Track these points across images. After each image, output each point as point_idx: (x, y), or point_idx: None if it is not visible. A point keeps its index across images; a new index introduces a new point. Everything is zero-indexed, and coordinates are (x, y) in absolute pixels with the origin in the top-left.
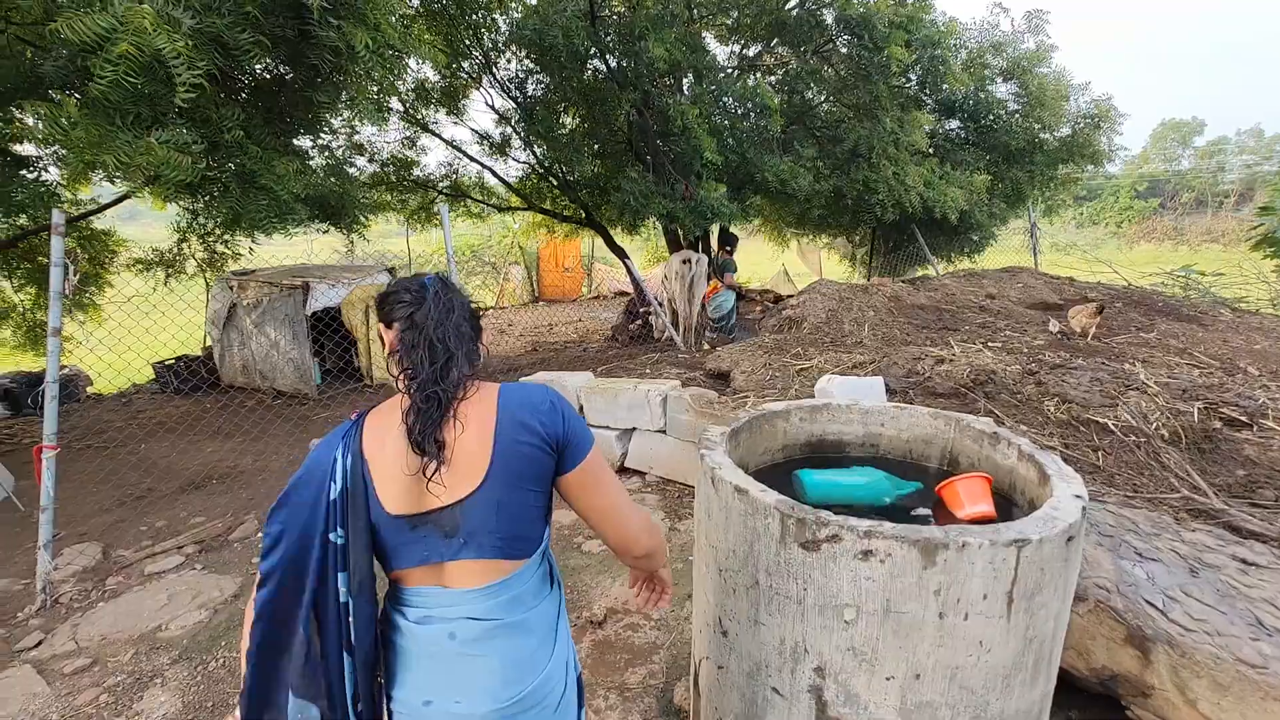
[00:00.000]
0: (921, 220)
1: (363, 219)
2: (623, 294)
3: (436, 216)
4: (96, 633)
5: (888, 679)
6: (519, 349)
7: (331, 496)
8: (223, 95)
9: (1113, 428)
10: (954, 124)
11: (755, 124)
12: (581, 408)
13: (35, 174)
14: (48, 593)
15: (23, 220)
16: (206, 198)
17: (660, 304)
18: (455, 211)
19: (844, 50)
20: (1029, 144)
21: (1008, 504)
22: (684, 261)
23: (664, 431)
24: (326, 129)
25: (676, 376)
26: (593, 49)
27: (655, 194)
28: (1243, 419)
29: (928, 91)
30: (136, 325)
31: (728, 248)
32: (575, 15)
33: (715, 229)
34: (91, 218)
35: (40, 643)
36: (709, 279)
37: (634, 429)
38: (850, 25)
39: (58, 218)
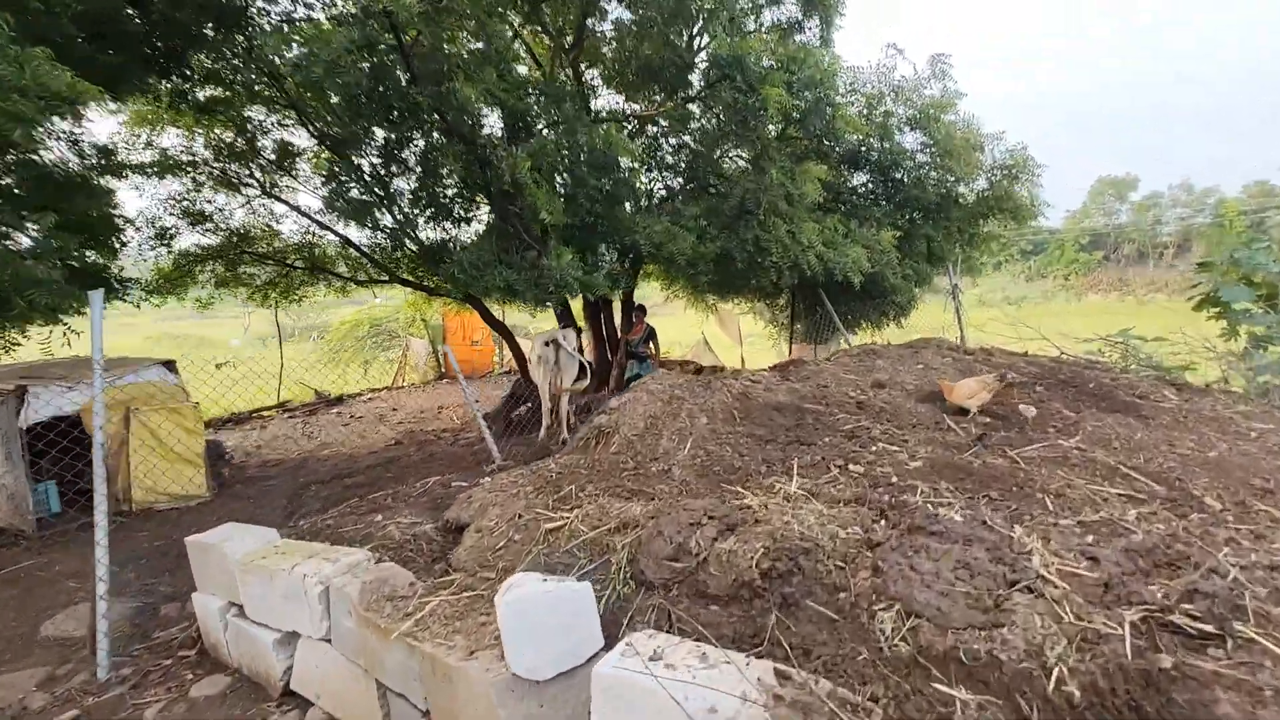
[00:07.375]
0: (831, 284)
1: (50, 307)
2: None
3: (295, 291)
4: None
5: None
6: (385, 440)
7: None
8: None
9: (972, 705)
10: (863, 177)
11: (620, 178)
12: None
13: None
14: None
15: None
16: None
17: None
18: (316, 286)
19: (726, 96)
20: (943, 198)
21: None
22: (546, 344)
23: (329, 641)
24: None
25: (409, 528)
26: (390, 95)
27: (495, 262)
28: (1208, 628)
29: (828, 142)
30: None
31: (639, 316)
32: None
33: (618, 295)
34: None
35: None
36: (584, 353)
37: (296, 633)
38: (721, 65)
39: None
